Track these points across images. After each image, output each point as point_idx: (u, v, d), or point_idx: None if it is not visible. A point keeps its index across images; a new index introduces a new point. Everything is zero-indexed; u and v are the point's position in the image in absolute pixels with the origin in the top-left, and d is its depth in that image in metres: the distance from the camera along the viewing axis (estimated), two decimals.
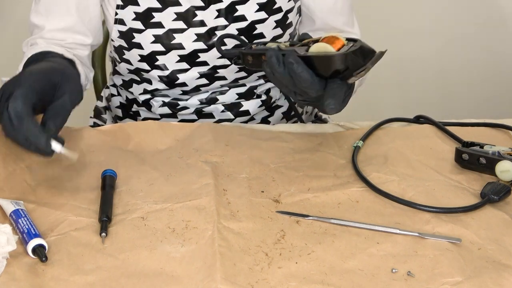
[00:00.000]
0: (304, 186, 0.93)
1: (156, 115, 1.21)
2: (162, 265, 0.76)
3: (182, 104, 1.19)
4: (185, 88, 1.17)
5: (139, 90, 1.20)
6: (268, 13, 1.14)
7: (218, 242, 0.80)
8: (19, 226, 0.79)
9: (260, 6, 1.13)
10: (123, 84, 1.23)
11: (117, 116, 1.27)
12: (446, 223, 0.86)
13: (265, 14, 1.14)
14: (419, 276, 0.76)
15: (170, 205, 0.87)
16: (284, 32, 1.18)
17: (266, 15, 1.14)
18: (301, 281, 0.75)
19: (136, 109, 1.23)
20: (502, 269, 0.78)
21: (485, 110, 2.40)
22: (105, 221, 0.82)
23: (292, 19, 1.19)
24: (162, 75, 1.16)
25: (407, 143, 1.05)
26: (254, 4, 1.13)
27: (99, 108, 1.33)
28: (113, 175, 0.91)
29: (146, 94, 1.20)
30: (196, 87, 1.17)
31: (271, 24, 1.15)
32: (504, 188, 0.91)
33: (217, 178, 0.94)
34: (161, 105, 1.20)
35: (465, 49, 2.44)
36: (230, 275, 0.75)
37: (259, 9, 1.14)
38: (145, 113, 1.22)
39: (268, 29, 1.15)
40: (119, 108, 1.26)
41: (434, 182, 0.95)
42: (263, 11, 1.14)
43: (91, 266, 0.76)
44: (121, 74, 1.22)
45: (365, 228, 0.84)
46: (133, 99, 1.23)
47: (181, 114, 1.20)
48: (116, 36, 1.14)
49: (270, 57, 0.90)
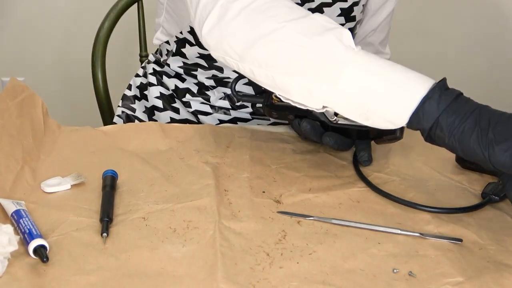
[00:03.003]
0: (305, 186, 0.93)
1: (209, 108, 1.17)
2: (164, 265, 0.76)
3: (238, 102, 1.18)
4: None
5: (205, 75, 1.17)
6: (346, 20, 1.14)
7: (220, 242, 0.80)
8: (21, 227, 0.79)
9: (342, 11, 1.13)
10: (183, 67, 1.18)
11: (154, 107, 1.23)
12: (447, 223, 0.86)
13: (343, 20, 1.14)
14: (420, 276, 0.76)
15: (171, 205, 0.87)
16: (345, 23, 1.16)
17: (344, 21, 1.14)
18: (302, 281, 0.75)
19: (189, 99, 1.17)
20: (503, 269, 0.78)
21: None
22: (106, 222, 0.82)
23: (356, 13, 1.17)
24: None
25: (408, 144, 1.05)
26: (338, 9, 1.13)
27: (128, 97, 1.29)
28: (114, 175, 0.91)
29: (211, 80, 1.17)
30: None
31: (336, 10, 1.14)
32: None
33: (218, 179, 0.94)
34: (222, 97, 1.18)
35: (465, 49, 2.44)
36: (232, 275, 0.75)
37: (340, 14, 1.14)
38: (198, 105, 1.17)
39: (334, 16, 1.14)
40: (158, 99, 1.22)
41: (435, 183, 0.95)
42: (343, 16, 1.14)
43: (93, 267, 0.76)
44: (185, 57, 1.17)
45: (366, 228, 0.84)
46: (185, 88, 1.17)
47: (238, 112, 1.18)
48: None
49: (305, 128, 0.94)
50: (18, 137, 0.96)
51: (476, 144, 0.76)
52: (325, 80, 0.81)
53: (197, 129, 1.07)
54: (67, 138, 1.02)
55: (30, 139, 0.97)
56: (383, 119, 0.80)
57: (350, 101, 0.81)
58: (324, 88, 0.81)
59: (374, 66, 0.80)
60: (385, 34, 1.29)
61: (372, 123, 0.81)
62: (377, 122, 0.81)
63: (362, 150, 0.94)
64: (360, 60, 0.80)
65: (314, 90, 0.82)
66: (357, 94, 0.80)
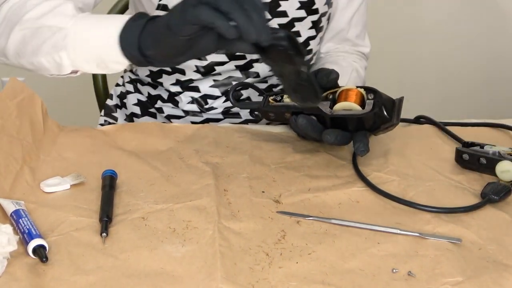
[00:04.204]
0: (305, 186, 0.93)
1: (181, 112, 1.19)
2: (163, 265, 0.76)
3: (210, 103, 1.19)
4: (218, 77, 1.17)
5: (170, 81, 1.19)
6: (307, 13, 1.17)
7: (219, 242, 0.80)
8: (20, 226, 0.79)
9: (301, 4, 1.15)
10: (149, 75, 1.21)
11: (133, 114, 1.25)
12: (447, 223, 0.86)
13: (304, 13, 1.16)
14: (420, 276, 0.76)
15: (170, 205, 0.87)
16: (317, 34, 1.20)
17: (305, 14, 1.16)
18: (301, 281, 0.75)
19: (160, 105, 1.21)
20: (503, 269, 0.78)
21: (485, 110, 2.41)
22: (105, 221, 0.82)
23: (324, 24, 1.22)
24: (199, 65, 1.15)
25: (407, 143, 1.05)
26: (296, 2, 1.15)
27: (110, 107, 1.31)
28: (114, 175, 0.91)
29: (176, 86, 1.19)
30: (228, 77, 1.17)
31: (307, 24, 1.18)
32: (504, 188, 0.91)
33: (217, 179, 0.94)
34: (190, 101, 1.19)
35: (466, 50, 2.44)
36: (231, 275, 0.75)
37: (300, 7, 1.16)
38: (169, 109, 1.20)
39: (305, 29, 1.18)
40: (136, 105, 1.25)
41: (434, 182, 0.95)
42: (303, 9, 1.16)
43: (92, 266, 0.76)
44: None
45: (365, 228, 0.84)
46: (156, 95, 1.21)
47: (208, 114, 1.19)
48: None
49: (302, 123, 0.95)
50: (18, 137, 0.95)
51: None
52: (60, 49, 0.94)
53: (197, 129, 1.07)
54: (67, 138, 1.02)
55: (30, 139, 0.97)
56: (113, 61, 0.92)
57: (85, 59, 0.94)
58: (62, 55, 0.94)
59: (87, 24, 0.94)
60: (361, 28, 1.31)
61: (112, 69, 0.94)
62: (112, 66, 0.93)
63: (358, 141, 0.94)
64: (78, 23, 0.94)
65: (58, 60, 0.95)
66: (86, 50, 0.93)
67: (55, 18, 0.96)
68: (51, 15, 0.97)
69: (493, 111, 2.39)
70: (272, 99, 1.00)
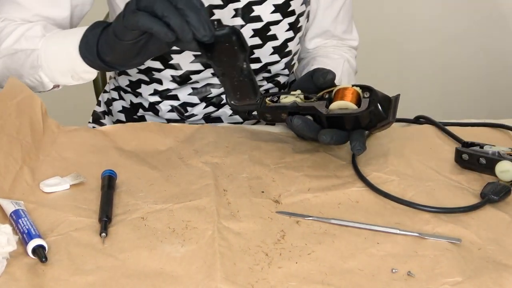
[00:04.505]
0: (304, 186, 0.93)
1: (163, 120, 1.20)
2: (162, 265, 0.76)
3: (190, 111, 1.19)
4: (196, 85, 1.17)
5: (148, 91, 1.20)
6: (283, 15, 1.15)
7: (218, 242, 0.80)
8: (19, 227, 0.79)
9: (276, 8, 1.14)
10: (129, 85, 1.23)
11: (119, 121, 1.27)
12: (446, 223, 0.86)
13: (280, 16, 1.15)
14: (419, 276, 0.76)
15: (170, 205, 0.87)
16: (295, 35, 1.19)
17: (281, 17, 1.15)
18: (301, 281, 0.75)
19: (142, 113, 1.22)
20: (502, 269, 0.78)
21: (485, 110, 2.41)
22: (105, 221, 0.82)
23: (302, 23, 1.20)
24: (175, 75, 1.16)
25: (407, 143, 1.05)
26: (270, 5, 1.13)
27: (98, 113, 1.32)
28: (113, 175, 0.91)
29: (155, 96, 1.20)
30: (206, 84, 1.17)
31: (284, 26, 1.16)
32: (504, 188, 0.91)
33: (217, 179, 0.94)
34: (170, 110, 1.19)
35: (465, 49, 2.44)
36: (230, 275, 0.75)
37: (275, 11, 1.14)
38: (151, 118, 1.22)
39: (281, 31, 1.16)
40: (121, 112, 1.26)
41: (434, 182, 0.95)
42: (278, 12, 1.14)
43: (91, 266, 0.76)
44: (128, 74, 1.22)
45: (365, 228, 0.84)
46: (138, 104, 1.22)
47: (189, 121, 1.20)
48: None
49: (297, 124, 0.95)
50: (17, 137, 0.95)
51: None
52: (37, 69, 1.02)
53: (197, 129, 1.07)
54: (66, 138, 1.02)
55: (29, 139, 0.97)
56: (82, 71, 0.99)
57: (60, 73, 1.01)
58: (41, 74, 1.02)
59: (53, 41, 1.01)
60: (347, 23, 1.29)
61: (85, 79, 1.01)
62: (84, 76, 1.00)
63: (354, 140, 0.93)
64: (47, 42, 1.01)
65: (39, 79, 1.02)
66: (58, 66, 1.00)
67: (27, 42, 1.03)
68: (23, 40, 1.03)
69: (493, 111, 2.39)
70: (269, 99, 1.00)
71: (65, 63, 0.99)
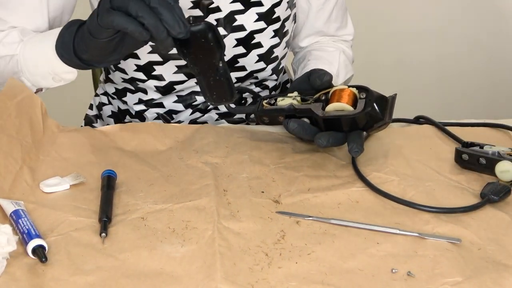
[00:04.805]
0: (304, 186, 0.93)
1: None
2: (162, 265, 0.76)
3: (176, 118, 1.19)
4: (181, 93, 1.17)
5: (133, 100, 1.20)
6: (267, 23, 1.14)
7: (218, 242, 0.80)
8: (19, 227, 0.79)
9: (260, 16, 1.12)
10: (115, 93, 1.22)
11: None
12: (446, 223, 0.86)
13: (264, 24, 1.13)
14: (419, 276, 0.76)
15: (170, 205, 0.87)
16: (281, 41, 1.18)
17: (265, 25, 1.13)
18: (301, 281, 0.75)
19: (129, 120, 1.22)
20: (502, 269, 0.78)
21: (485, 110, 2.41)
22: (105, 221, 0.82)
23: (288, 27, 1.19)
24: (159, 85, 1.15)
25: (407, 144, 1.05)
26: (254, 14, 1.12)
27: (90, 117, 1.32)
28: (113, 175, 0.91)
29: (141, 105, 1.20)
30: (191, 92, 1.17)
31: (269, 33, 1.15)
32: (504, 188, 0.91)
33: (217, 179, 0.94)
34: (155, 117, 1.19)
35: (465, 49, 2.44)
36: (230, 275, 0.75)
37: (258, 19, 1.13)
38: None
39: (266, 39, 1.15)
40: (111, 117, 1.26)
41: (434, 183, 0.95)
42: (262, 21, 1.13)
43: (91, 267, 0.76)
44: (114, 82, 1.22)
45: (365, 228, 0.84)
46: (125, 110, 1.22)
47: None
48: None
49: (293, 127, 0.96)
50: (17, 137, 0.96)
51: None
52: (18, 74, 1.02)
53: (197, 129, 1.07)
54: (66, 138, 1.02)
55: (29, 139, 0.97)
56: (62, 72, 0.99)
57: (41, 76, 1.01)
58: (23, 79, 1.02)
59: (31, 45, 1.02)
60: (341, 19, 1.27)
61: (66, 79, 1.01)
62: (65, 76, 1.00)
63: (351, 141, 0.93)
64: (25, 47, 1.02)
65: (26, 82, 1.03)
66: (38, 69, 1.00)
67: (5, 49, 1.03)
68: (1, 47, 1.04)
69: (493, 111, 2.39)
70: (266, 102, 1.00)
71: (45, 65, 0.99)
